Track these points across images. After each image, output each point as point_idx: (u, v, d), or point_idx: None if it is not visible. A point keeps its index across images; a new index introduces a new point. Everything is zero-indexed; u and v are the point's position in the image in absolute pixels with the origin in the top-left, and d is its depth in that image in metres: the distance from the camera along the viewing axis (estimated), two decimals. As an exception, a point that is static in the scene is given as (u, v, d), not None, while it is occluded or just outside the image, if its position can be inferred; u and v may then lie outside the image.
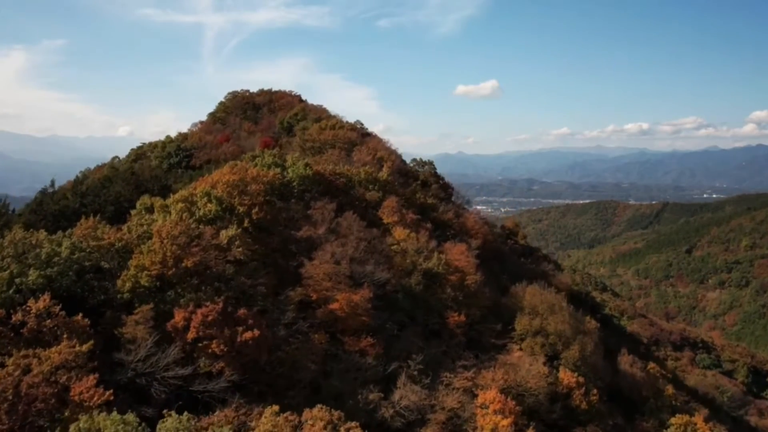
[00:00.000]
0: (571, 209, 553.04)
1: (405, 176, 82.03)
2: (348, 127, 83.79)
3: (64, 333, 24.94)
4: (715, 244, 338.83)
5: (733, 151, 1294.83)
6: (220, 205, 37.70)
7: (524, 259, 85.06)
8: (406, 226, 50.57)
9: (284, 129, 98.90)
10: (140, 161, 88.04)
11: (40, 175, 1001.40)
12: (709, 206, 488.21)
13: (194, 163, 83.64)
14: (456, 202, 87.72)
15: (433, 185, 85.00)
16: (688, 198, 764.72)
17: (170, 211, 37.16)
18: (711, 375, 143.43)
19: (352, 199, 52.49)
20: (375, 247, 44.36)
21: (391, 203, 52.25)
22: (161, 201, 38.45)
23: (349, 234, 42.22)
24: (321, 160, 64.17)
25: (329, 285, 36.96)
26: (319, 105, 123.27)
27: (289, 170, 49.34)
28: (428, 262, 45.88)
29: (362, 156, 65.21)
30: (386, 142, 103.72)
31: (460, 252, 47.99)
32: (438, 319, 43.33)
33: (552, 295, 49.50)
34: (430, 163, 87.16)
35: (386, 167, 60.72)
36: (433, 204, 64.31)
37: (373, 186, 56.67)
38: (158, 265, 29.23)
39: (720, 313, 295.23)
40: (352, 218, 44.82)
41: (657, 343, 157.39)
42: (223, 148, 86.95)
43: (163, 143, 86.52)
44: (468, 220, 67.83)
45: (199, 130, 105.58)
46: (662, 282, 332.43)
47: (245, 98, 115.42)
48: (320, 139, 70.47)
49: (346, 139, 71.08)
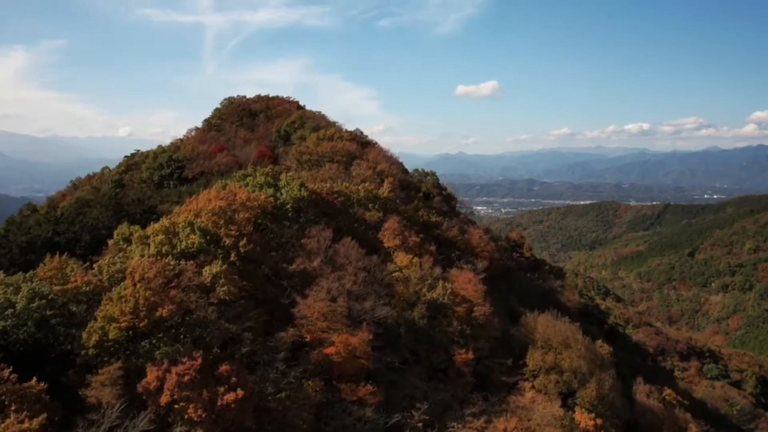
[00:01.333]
0: (572, 210, 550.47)
1: (407, 188, 78.49)
2: (347, 137, 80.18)
3: (13, 404, 21.36)
4: (717, 247, 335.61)
5: (733, 152, 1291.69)
6: (205, 236, 34.14)
7: (531, 275, 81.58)
8: (408, 250, 47.02)
9: (281, 137, 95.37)
10: (131, 172, 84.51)
11: (41, 175, 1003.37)
12: (710, 207, 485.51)
13: (187, 174, 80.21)
14: (460, 214, 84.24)
15: (436, 197, 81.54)
16: (689, 198, 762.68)
17: (149, 243, 33.64)
18: (719, 387, 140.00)
19: (351, 221, 48.95)
20: (375, 276, 40.83)
21: (392, 225, 48.69)
22: (140, 231, 34.89)
23: (347, 265, 38.66)
24: (318, 176, 60.67)
25: (324, 325, 33.45)
26: (318, 111, 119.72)
27: (283, 191, 45.76)
28: (433, 292, 42.35)
29: (362, 171, 61.64)
30: (387, 152, 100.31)
31: (467, 280, 44.42)
32: (443, 356, 39.81)
33: (566, 325, 45.95)
34: (433, 174, 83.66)
35: (387, 183, 57.11)
36: (437, 222, 60.72)
37: (373, 204, 53.10)
38: (129, 315, 25.67)
39: (723, 317, 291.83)
40: (351, 245, 41.27)
41: (663, 353, 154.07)
42: (217, 158, 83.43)
43: (155, 153, 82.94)
44: (473, 237, 64.25)
45: (193, 138, 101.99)
46: (665, 285, 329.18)
47: (241, 105, 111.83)
48: (317, 152, 66.85)
49: (345, 152, 67.47)
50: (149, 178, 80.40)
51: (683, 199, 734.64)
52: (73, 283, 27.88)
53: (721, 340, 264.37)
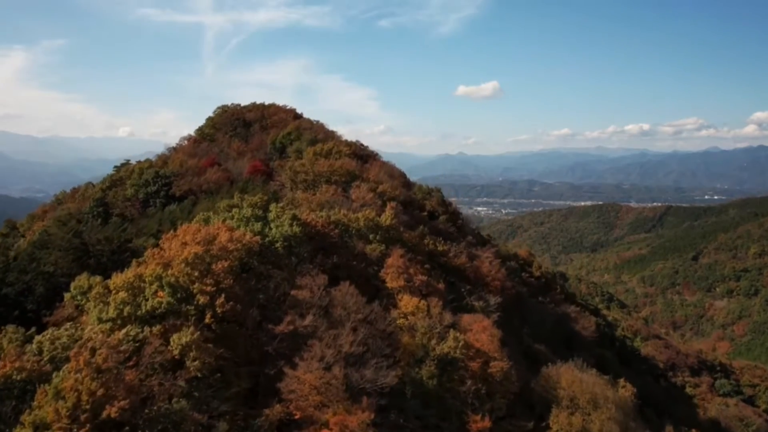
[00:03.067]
0: (573, 212, 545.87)
1: (410, 206, 73.12)
2: (346, 152, 74.69)
3: None
4: (722, 251, 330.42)
5: (734, 152, 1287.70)
6: (175, 293, 28.71)
7: (543, 298, 76.23)
8: (414, 291, 41.58)
9: (276, 150, 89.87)
10: (115, 189, 78.89)
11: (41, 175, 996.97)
12: (712, 210, 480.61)
13: (174, 192, 74.70)
14: (467, 234, 78.81)
15: (441, 216, 76.17)
16: (689, 199, 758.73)
17: (109, 302, 28.23)
18: (733, 404, 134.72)
19: (350, 256, 43.49)
20: (377, 327, 35.39)
21: (395, 261, 43.23)
22: (99, 288, 29.40)
23: (345, 319, 33.21)
24: (314, 199, 55.20)
25: (317, 400, 28.05)
26: (316, 121, 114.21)
27: (272, 225, 40.29)
28: (443, 344, 36.96)
29: (362, 193, 56.17)
30: (389, 164, 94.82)
31: (482, 328, 38.97)
32: (456, 422, 34.39)
33: (593, 378, 40.56)
34: (437, 191, 78.28)
35: (389, 209, 51.63)
36: (444, 251, 55.27)
37: (375, 235, 47.63)
38: (66, 419, 20.21)
39: (729, 323, 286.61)
40: (349, 291, 35.83)
41: (674, 368, 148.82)
42: (207, 174, 77.91)
43: (141, 169, 77.31)
44: (483, 265, 58.87)
45: (183, 150, 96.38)
46: (668, 290, 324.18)
47: (235, 113, 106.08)
48: (314, 171, 61.32)
49: (343, 171, 61.95)
50: (134, 196, 74.91)
51: (684, 200, 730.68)
52: (1, 369, 22.34)
53: (726, 346, 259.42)
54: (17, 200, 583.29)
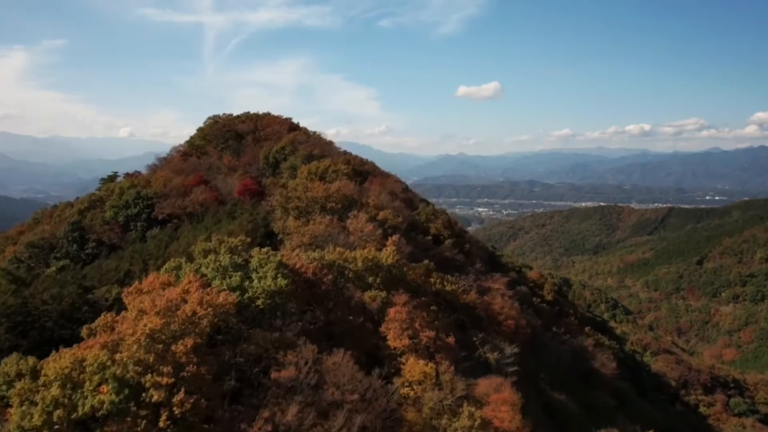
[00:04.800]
0: (574, 214, 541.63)
1: (414, 230, 67.17)
2: (344, 170, 68.57)
3: None
4: (727, 256, 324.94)
5: (735, 153, 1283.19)
6: (122, 389, 22.61)
7: (557, 329, 70.28)
8: (420, 351, 35.51)
9: (269, 165, 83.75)
10: (93, 211, 72.63)
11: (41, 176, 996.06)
12: (715, 212, 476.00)
13: (157, 214, 68.57)
14: (474, 256, 72.79)
15: (447, 240, 70.11)
16: (691, 200, 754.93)
17: (37, 402, 22.15)
18: (750, 425, 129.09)
19: (345, 309, 37.36)
20: (376, 406, 29.35)
21: (399, 314, 37.08)
22: (27, 382, 23.25)
23: (338, 402, 27.15)
24: (306, 231, 49.04)
25: None
26: (314, 132, 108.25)
27: (254, 276, 34.17)
28: (455, 422, 30.94)
29: (360, 224, 50.05)
30: (390, 179, 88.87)
31: (501, 400, 32.90)
32: None
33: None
34: (443, 213, 72.31)
35: (390, 243, 45.51)
36: (453, 290, 49.16)
37: (375, 277, 41.54)
38: None
39: (735, 330, 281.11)
40: (343, 362, 29.80)
41: (686, 385, 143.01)
42: (193, 194, 71.74)
43: (121, 189, 71.02)
44: (495, 302, 52.89)
45: (171, 164, 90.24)
46: (673, 295, 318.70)
47: (227, 125, 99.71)
48: (307, 197, 55.15)
49: (340, 196, 55.82)
50: (113, 219, 68.77)
51: (685, 201, 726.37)
52: None
53: (733, 353, 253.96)
54: (17, 201, 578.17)
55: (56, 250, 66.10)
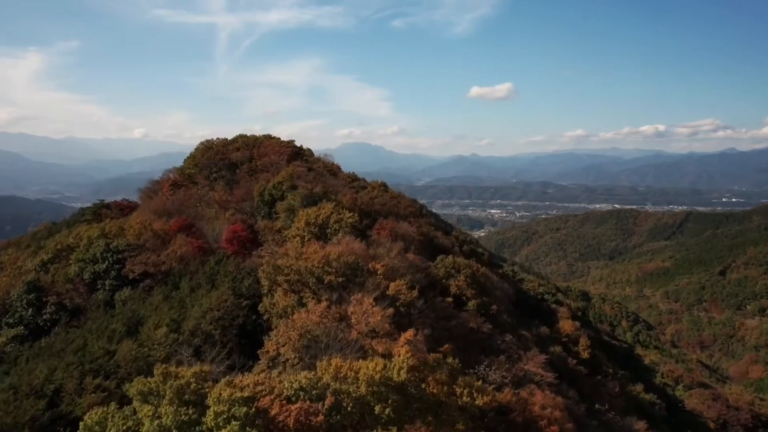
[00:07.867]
0: (590, 218, 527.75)
1: (432, 290, 56.56)
2: (349, 220, 57.97)
3: None
4: (752, 266, 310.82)
5: (751, 153, 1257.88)
6: None
7: (600, 405, 59.44)
8: None
9: (264, 203, 73.24)
10: (56, 264, 62.54)
11: (56, 177, 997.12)
12: (734, 216, 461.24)
13: (127, 272, 58.28)
14: (503, 324, 62.03)
15: (471, 301, 59.44)
16: (707, 202, 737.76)
17: None
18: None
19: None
20: None
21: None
22: None
23: None
24: (294, 322, 38.49)
25: None
26: (319, 158, 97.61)
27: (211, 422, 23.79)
28: None
29: (364, 312, 39.53)
30: (406, 214, 78.22)
31: None
32: None
33: None
34: (467, 266, 61.59)
35: (404, 349, 34.91)
36: (485, 403, 38.57)
37: (384, 406, 31.06)
38: None
39: (762, 344, 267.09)
40: None
41: (725, 427, 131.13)
42: (174, 245, 61.27)
43: (89, 239, 60.95)
44: (535, 404, 42.26)
45: (156, 200, 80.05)
46: (694, 306, 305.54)
47: (219, 152, 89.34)
48: (299, 269, 44.68)
49: (343, 265, 45.30)
50: (78, 276, 58.71)
51: (701, 203, 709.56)
52: None
53: (760, 370, 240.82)
54: (33, 202, 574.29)
55: (8, 314, 56.40)
